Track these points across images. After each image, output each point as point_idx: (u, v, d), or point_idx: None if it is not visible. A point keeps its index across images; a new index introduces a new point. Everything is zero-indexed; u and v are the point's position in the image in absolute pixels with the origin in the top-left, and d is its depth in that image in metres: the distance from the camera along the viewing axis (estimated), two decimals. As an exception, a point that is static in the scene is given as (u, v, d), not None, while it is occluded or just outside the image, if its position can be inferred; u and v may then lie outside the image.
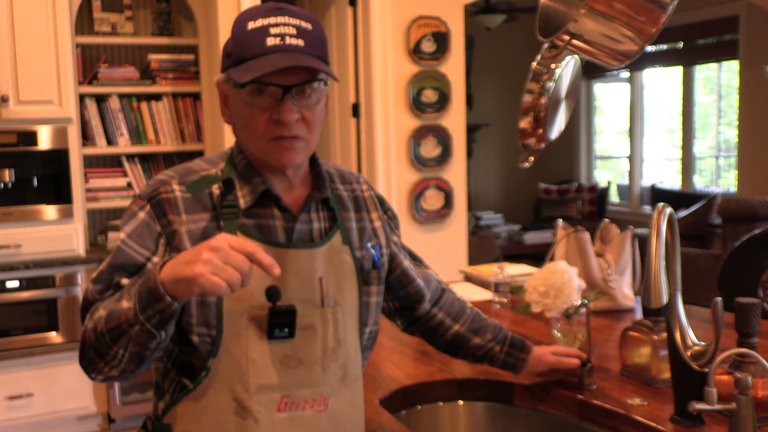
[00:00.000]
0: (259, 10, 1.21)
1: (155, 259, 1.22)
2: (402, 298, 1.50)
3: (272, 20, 1.20)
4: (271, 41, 1.19)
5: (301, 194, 1.31)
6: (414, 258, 1.56)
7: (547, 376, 1.63)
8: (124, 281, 1.21)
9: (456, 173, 4.23)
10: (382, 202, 1.44)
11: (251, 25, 1.20)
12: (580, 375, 1.59)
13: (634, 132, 7.94)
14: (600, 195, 8.00)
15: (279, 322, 1.20)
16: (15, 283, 3.58)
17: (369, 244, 1.36)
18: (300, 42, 1.20)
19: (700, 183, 7.47)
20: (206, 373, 1.21)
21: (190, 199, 1.24)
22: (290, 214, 1.27)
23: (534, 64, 1.84)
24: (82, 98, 4.03)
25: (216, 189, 1.26)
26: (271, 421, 1.21)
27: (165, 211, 1.23)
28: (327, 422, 1.27)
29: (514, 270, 2.65)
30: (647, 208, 7.78)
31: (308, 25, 1.22)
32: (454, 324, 1.57)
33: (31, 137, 3.63)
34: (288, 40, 1.19)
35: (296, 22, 1.21)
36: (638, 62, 7.23)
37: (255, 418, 1.20)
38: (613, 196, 8.47)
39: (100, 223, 4.31)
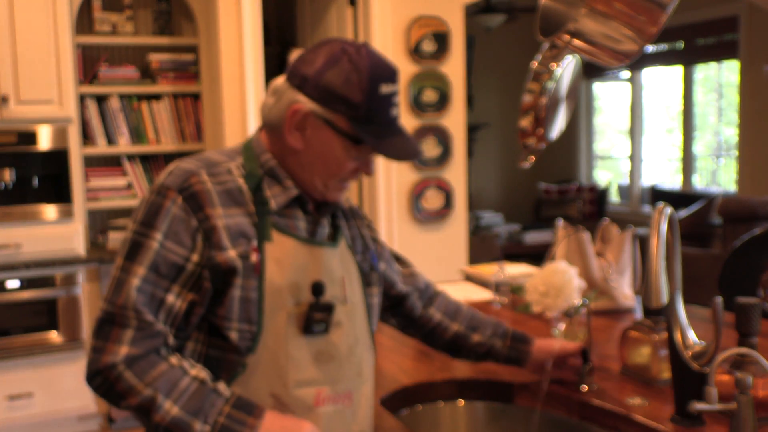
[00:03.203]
0: (389, 73, 1.24)
1: (194, 257, 1.19)
2: (389, 298, 1.54)
3: (394, 88, 1.25)
4: (393, 111, 1.25)
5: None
6: (398, 259, 1.60)
7: (548, 374, 1.62)
8: (170, 299, 1.18)
9: (456, 173, 4.23)
10: (359, 211, 1.48)
11: (383, 90, 1.22)
12: (580, 373, 1.59)
13: (634, 132, 7.94)
14: (600, 195, 8.00)
15: (318, 317, 1.23)
16: (15, 283, 3.58)
17: (371, 249, 1.42)
18: (399, 112, 1.28)
19: (699, 183, 7.47)
20: (243, 370, 1.21)
21: (222, 192, 1.23)
22: (311, 216, 1.31)
23: (534, 64, 1.84)
24: (82, 98, 4.03)
25: (244, 184, 1.26)
26: (309, 416, 1.23)
27: (201, 204, 1.20)
28: (352, 417, 1.30)
29: (514, 270, 2.65)
30: (647, 208, 7.78)
31: None
32: (452, 323, 1.57)
33: (31, 137, 3.63)
34: (398, 113, 1.27)
35: (398, 88, 1.27)
36: (638, 62, 7.23)
37: (293, 413, 1.22)
38: (613, 196, 8.47)
39: (100, 222, 4.31)
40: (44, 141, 3.66)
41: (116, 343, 1.14)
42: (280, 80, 1.28)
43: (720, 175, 7.43)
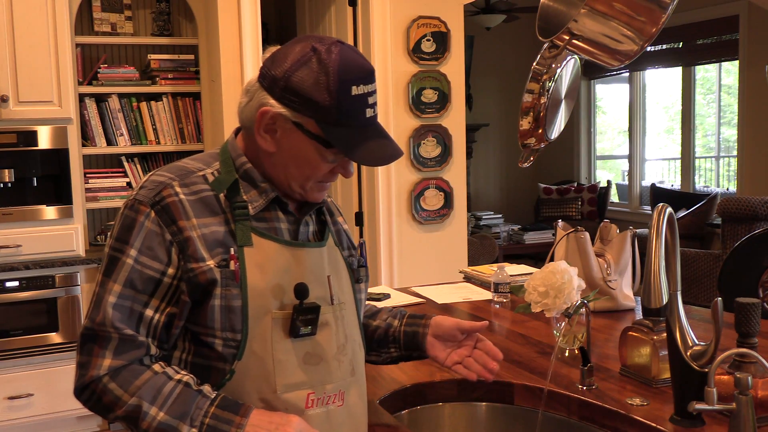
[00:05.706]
0: (361, 73, 1.19)
1: (170, 271, 1.19)
2: None
3: (368, 88, 1.20)
4: (368, 113, 1.20)
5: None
6: None
7: (549, 374, 1.62)
8: (149, 313, 1.19)
9: (456, 173, 4.23)
10: (337, 207, 1.47)
11: (355, 91, 1.18)
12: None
13: (634, 132, 7.94)
14: (600, 195, 8.00)
15: (303, 320, 1.22)
16: (15, 283, 3.57)
17: (357, 244, 1.42)
18: (377, 111, 1.24)
19: (700, 183, 7.47)
20: (230, 376, 1.21)
21: (196, 202, 1.22)
22: (292, 216, 1.30)
23: (534, 64, 1.84)
24: (81, 98, 4.03)
25: (220, 191, 1.25)
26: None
27: (174, 218, 1.19)
28: (346, 416, 1.29)
29: (514, 270, 2.65)
30: (647, 208, 7.78)
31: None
32: None
33: (31, 137, 3.63)
34: (376, 112, 1.22)
35: (375, 87, 1.22)
36: (638, 62, 7.22)
37: None
38: (613, 196, 8.47)
39: (99, 223, 4.31)
40: (44, 141, 3.66)
41: (99, 357, 1.16)
42: (252, 79, 1.26)
43: (720, 175, 7.43)
